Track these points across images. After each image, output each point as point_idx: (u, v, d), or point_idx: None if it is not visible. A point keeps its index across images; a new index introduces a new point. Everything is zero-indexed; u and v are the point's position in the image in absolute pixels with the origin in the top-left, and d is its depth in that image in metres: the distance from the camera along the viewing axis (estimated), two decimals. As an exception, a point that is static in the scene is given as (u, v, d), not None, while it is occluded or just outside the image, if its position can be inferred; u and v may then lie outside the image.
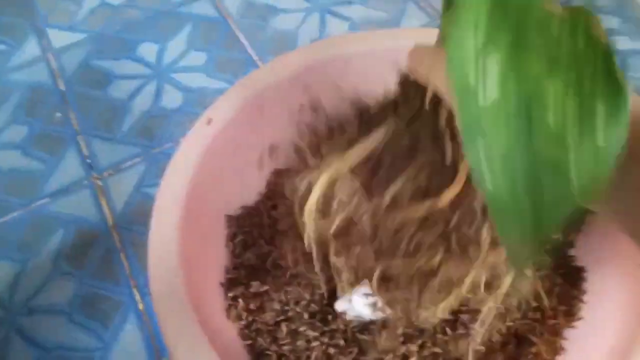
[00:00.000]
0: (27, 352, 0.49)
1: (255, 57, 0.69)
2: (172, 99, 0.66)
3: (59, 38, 0.73)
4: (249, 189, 0.49)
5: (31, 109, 0.66)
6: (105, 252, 0.54)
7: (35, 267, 0.53)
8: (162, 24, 0.74)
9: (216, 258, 0.45)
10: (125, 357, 0.48)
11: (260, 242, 0.45)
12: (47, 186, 0.59)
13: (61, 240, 0.55)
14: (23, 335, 0.49)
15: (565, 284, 0.42)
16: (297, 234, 0.39)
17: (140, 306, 0.51)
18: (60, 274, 0.53)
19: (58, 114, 0.65)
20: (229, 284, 0.43)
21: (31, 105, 0.66)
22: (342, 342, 0.39)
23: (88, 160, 0.61)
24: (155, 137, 0.62)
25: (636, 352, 0.32)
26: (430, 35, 0.29)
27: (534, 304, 0.40)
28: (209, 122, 0.45)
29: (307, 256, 0.40)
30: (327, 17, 0.72)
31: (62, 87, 0.68)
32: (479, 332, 0.38)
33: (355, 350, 0.38)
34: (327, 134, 0.35)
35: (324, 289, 0.39)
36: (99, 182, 0.59)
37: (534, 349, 0.39)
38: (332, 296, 0.40)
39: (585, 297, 0.42)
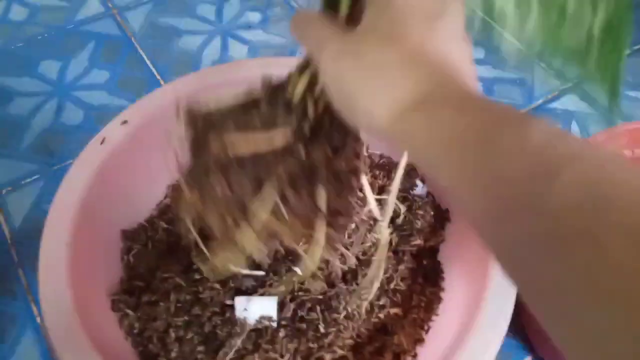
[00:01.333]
0: None
1: (158, 77, 0.72)
2: (73, 116, 0.67)
3: (-44, 54, 0.73)
4: (145, 204, 0.52)
5: None
6: (2, 267, 0.55)
7: None
8: (65, 42, 0.75)
9: (111, 271, 0.47)
10: (21, 369, 0.50)
11: (153, 255, 0.48)
12: (-58, 204, 0.59)
13: (-44, 257, 0.55)
14: None
15: (425, 283, 0.48)
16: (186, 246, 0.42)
17: (38, 319, 0.52)
18: (-45, 291, 0.53)
19: (-46, 131, 0.65)
20: (122, 296, 0.45)
21: None
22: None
23: (-14, 178, 0.61)
24: (55, 154, 0.64)
25: (467, 340, 0.38)
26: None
27: (397, 301, 0.46)
28: (103, 141, 0.47)
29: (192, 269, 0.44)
30: (229, 40, 0.76)
31: (-41, 103, 0.68)
32: (350, 324, 0.43)
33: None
34: None
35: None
36: (-3, 199, 0.60)
37: (396, 340, 0.44)
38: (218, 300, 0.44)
39: (442, 294, 0.48)
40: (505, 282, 0.41)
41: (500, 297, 0.40)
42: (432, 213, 0.50)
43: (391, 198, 0.41)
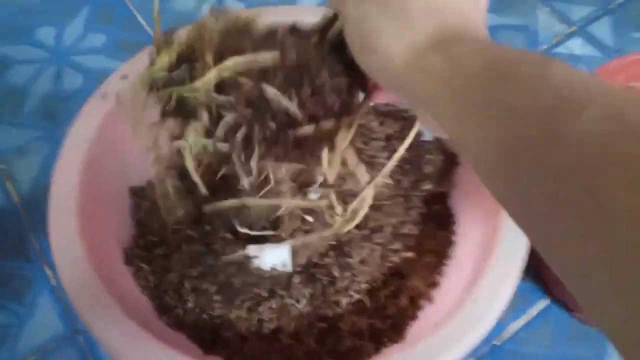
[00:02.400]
0: (-60, 334, 0.49)
1: (155, 38, 0.71)
2: (72, 81, 0.66)
3: (-51, 24, 0.72)
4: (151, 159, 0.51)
5: None
6: (14, 232, 0.55)
7: (-59, 252, 0.54)
8: (59, 7, 0.74)
9: (122, 228, 0.47)
10: (41, 330, 0.50)
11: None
12: (-52, 173, 0.59)
13: (-33, 224, 0.56)
14: None
15: (437, 228, 0.48)
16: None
17: (53, 282, 0.53)
18: (-31, 256, 0.54)
19: (-45, 101, 0.65)
20: (135, 251, 0.46)
21: None
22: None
23: (-10, 145, 0.61)
24: (57, 119, 0.63)
25: (479, 284, 0.39)
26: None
27: (410, 245, 0.46)
28: (104, 96, 0.47)
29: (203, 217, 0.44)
30: (226, -3, 0.75)
31: (-44, 73, 0.67)
32: (364, 269, 0.43)
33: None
34: None
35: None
36: (3, 166, 0.60)
37: (411, 284, 0.45)
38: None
39: (454, 239, 0.48)
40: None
41: (513, 235, 0.40)
42: (441, 158, 0.50)
43: (402, 147, 0.41)
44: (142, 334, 0.36)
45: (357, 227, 0.45)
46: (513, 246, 0.40)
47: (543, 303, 0.53)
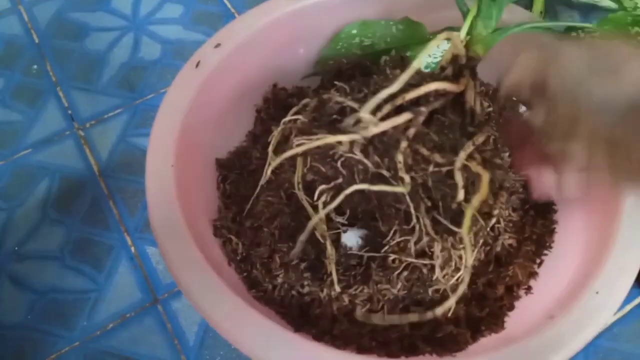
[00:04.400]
0: (20, 296, 0.50)
1: (232, 10, 0.69)
2: (150, 50, 0.66)
3: (29, -10, 0.72)
4: (238, 129, 0.50)
5: (6, 62, 0.65)
6: (92, 199, 0.55)
7: (23, 215, 0.54)
8: (137, -24, 0.73)
9: (209, 198, 0.46)
10: (121, 296, 0.50)
11: (250, 184, 0.47)
12: (29, 137, 0.59)
13: (47, 188, 0.55)
14: (15, 280, 0.50)
15: (537, 216, 0.45)
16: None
17: (132, 249, 0.52)
18: (49, 221, 0.53)
19: (35, 67, 0.65)
20: (222, 222, 0.44)
21: (6, 58, 0.65)
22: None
23: (69, 112, 0.61)
24: (136, 88, 0.63)
25: (599, 275, 0.36)
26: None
27: (510, 231, 0.43)
28: (197, 64, 0.45)
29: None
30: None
31: (36, 39, 0.67)
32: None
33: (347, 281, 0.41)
34: None
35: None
36: (82, 132, 0.59)
37: (510, 272, 0.42)
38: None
39: (555, 227, 0.45)
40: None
41: (633, 226, 0.37)
42: (543, 140, 0.47)
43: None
44: (238, 301, 0.35)
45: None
46: (632, 237, 0.37)
47: (638, 299, 0.50)
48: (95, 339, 0.48)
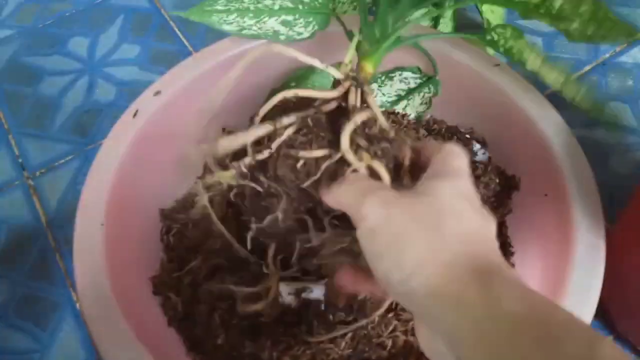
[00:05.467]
0: (-40, 359, 0.47)
1: (190, 49, 0.68)
2: (105, 93, 0.64)
3: (-15, 35, 0.71)
4: (183, 179, 0.48)
5: (-43, 109, 0.64)
6: (39, 252, 0.53)
7: (-34, 271, 0.52)
8: (93, 17, 0.72)
9: (150, 253, 0.44)
10: (63, 357, 0.47)
11: (194, 235, 0.45)
12: (-23, 188, 0.57)
13: (-7, 242, 0.54)
14: (-45, 342, 0.48)
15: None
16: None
17: (78, 306, 0.50)
18: (-7, 277, 0.51)
19: (-14, 113, 0.63)
20: (162, 279, 0.42)
21: (-43, 105, 0.64)
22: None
23: (19, 160, 0.59)
24: (89, 133, 0.61)
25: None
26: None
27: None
28: (135, 114, 0.44)
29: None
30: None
31: (-11, 85, 0.66)
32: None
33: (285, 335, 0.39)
34: None
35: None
36: (31, 182, 0.57)
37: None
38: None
39: (512, 270, 0.43)
40: (591, 258, 0.36)
41: (586, 275, 0.35)
42: (496, 180, 0.45)
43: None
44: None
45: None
46: (585, 287, 0.35)
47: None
48: (37, 403, 0.45)
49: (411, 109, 0.49)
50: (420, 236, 0.24)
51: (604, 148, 0.56)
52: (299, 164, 0.31)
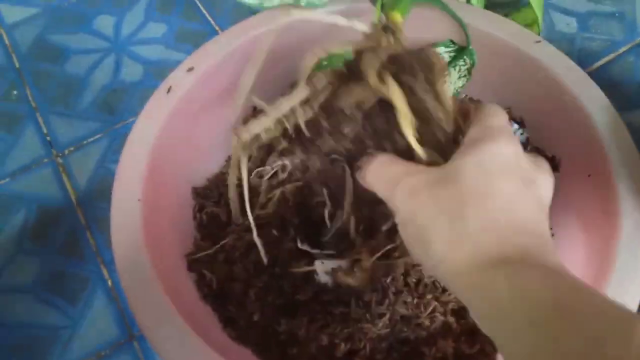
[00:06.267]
0: (-7, 333, 0.47)
1: (216, 27, 0.68)
2: (132, 72, 0.64)
3: (11, 13, 0.70)
4: (214, 157, 0.48)
5: (-15, 87, 0.64)
6: (69, 229, 0.53)
7: (-2, 247, 0.52)
8: (119, -5, 0.71)
9: (184, 230, 0.44)
10: (96, 332, 0.47)
11: (227, 212, 0.44)
12: (7, 165, 0.57)
13: (24, 219, 0.54)
14: (-13, 316, 0.48)
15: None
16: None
17: (109, 282, 0.50)
18: (24, 253, 0.51)
19: (15, 92, 0.63)
20: (197, 256, 0.42)
21: (-15, 83, 0.64)
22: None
23: (48, 138, 0.59)
24: (116, 111, 0.61)
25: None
26: None
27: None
28: (169, 90, 0.43)
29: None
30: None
31: (17, 64, 0.65)
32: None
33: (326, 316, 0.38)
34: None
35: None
36: (60, 160, 0.57)
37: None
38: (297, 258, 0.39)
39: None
40: (638, 236, 0.35)
41: (634, 254, 0.34)
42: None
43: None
44: (203, 348, 0.33)
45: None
46: (634, 267, 0.34)
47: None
48: (69, 378, 0.45)
49: (450, 85, 0.48)
50: (444, 228, 0.24)
51: (640, 131, 0.55)
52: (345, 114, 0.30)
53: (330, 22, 0.31)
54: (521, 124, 0.46)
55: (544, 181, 0.26)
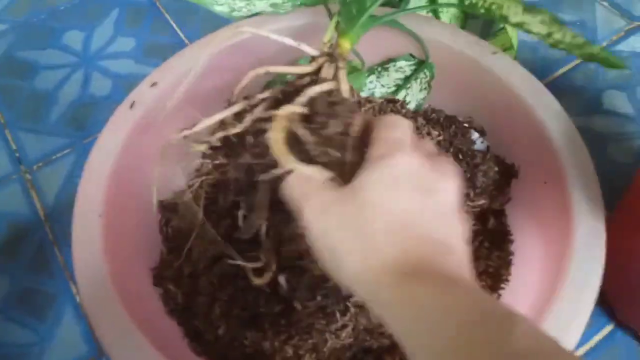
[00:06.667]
0: (-40, 353, 0.47)
1: (185, 41, 0.68)
2: (101, 86, 0.64)
3: (-21, 29, 0.70)
4: (182, 170, 0.48)
5: (-48, 104, 0.63)
6: (38, 245, 0.53)
7: (-36, 266, 0.52)
8: (89, 10, 0.71)
9: (149, 244, 0.44)
10: (64, 350, 0.47)
11: (187, 224, 0.45)
12: (-26, 183, 0.57)
13: (-9, 237, 0.53)
14: (-46, 337, 0.48)
15: (492, 248, 0.43)
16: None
17: (78, 298, 0.50)
18: (-8, 271, 0.51)
19: (-18, 108, 0.63)
20: (163, 271, 0.42)
21: (-48, 100, 0.63)
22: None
23: (16, 154, 0.59)
24: (85, 126, 0.61)
25: (551, 309, 0.34)
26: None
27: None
28: (132, 105, 0.44)
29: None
30: (259, -4, 0.71)
31: (-16, 79, 0.65)
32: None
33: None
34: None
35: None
36: (29, 176, 0.57)
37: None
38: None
39: (512, 259, 0.43)
40: (592, 242, 0.36)
41: (587, 259, 0.35)
42: (495, 169, 0.45)
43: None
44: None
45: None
46: (586, 271, 0.35)
47: (607, 328, 0.47)
48: (38, 396, 0.45)
49: (412, 97, 0.49)
50: (353, 247, 0.25)
51: (602, 137, 0.56)
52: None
53: (280, 41, 0.32)
54: (482, 132, 0.47)
55: (447, 186, 0.26)
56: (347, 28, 0.34)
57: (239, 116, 0.33)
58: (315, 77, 0.32)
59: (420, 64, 0.48)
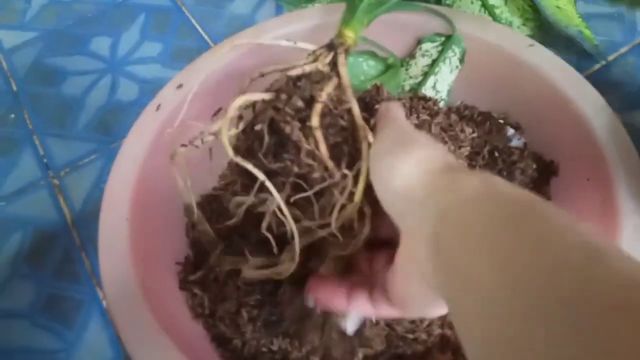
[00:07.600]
0: (-12, 359, 0.47)
1: (211, 44, 0.67)
2: (128, 91, 0.64)
3: (9, 38, 0.71)
4: (206, 174, 0.47)
5: (-17, 111, 0.64)
6: (65, 251, 0.52)
7: (-7, 272, 0.52)
8: (115, 17, 0.72)
9: (176, 248, 0.43)
10: (90, 356, 0.47)
11: (221, 230, 0.44)
12: (3, 188, 0.57)
13: (19, 241, 0.53)
14: (-17, 343, 0.48)
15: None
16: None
17: (104, 304, 0.49)
18: (20, 276, 0.51)
19: (12, 115, 0.63)
20: (190, 275, 0.41)
21: (-18, 107, 0.64)
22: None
23: (44, 160, 0.59)
24: (112, 131, 0.60)
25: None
26: None
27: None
28: (158, 107, 0.43)
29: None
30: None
31: (14, 87, 0.66)
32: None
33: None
34: None
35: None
36: (56, 181, 0.57)
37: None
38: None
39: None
40: (639, 241, 0.34)
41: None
42: (533, 166, 0.43)
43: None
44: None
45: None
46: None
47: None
48: (65, 403, 0.45)
49: (442, 82, 0.47)
50: (398, 155, 0.28)
51: (644, 133, 0.54)
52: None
53: (283, 44, 0.33)
54: (518, 128, 0.45)
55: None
56: (349, 16, 0.33)
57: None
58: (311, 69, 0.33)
59: (447, 40, 0.46)
